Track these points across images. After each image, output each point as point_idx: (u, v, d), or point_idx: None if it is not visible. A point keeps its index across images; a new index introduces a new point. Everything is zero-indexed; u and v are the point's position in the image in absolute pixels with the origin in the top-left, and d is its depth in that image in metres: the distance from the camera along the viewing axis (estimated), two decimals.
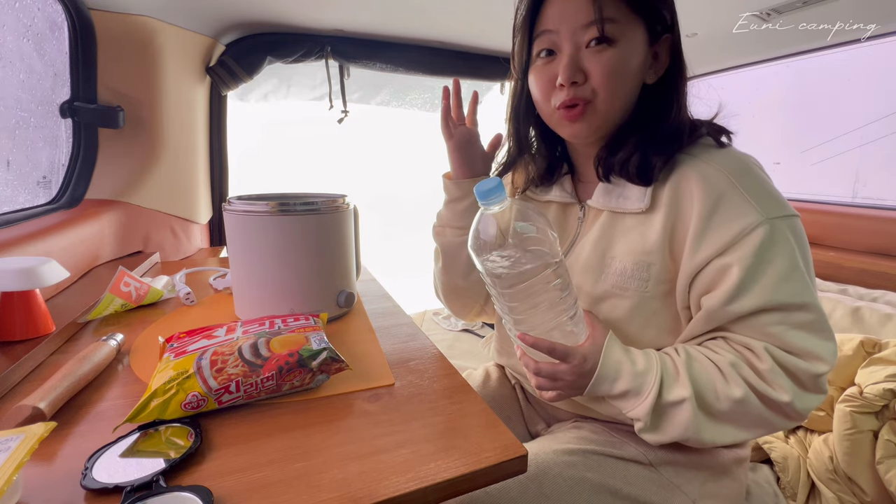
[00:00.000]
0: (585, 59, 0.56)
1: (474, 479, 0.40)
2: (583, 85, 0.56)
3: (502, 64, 1.58)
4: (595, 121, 0.58)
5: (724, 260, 0.52)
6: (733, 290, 0.51)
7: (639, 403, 0.52)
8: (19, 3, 0.92)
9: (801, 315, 0.51)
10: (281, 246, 0.66)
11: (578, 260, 0.62)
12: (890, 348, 0.87)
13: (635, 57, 0.56)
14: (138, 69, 1.10)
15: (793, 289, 0.51)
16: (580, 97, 0.56)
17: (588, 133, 0.59)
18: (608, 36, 0.54)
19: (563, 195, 0.68)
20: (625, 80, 0.56)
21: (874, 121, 1.48)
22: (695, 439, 0.52)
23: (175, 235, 1.29)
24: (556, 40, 0.57)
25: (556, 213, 0.69)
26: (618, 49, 0.55)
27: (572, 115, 0.57)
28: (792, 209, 0.54)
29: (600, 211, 0.62)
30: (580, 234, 0.65)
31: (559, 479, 0.56)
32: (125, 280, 0.75)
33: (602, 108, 0.57)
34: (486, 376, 0.85)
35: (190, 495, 0.34)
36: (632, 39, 0.55)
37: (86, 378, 0.50)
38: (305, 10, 1.18)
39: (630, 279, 0.57)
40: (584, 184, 0.68)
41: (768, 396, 0.50)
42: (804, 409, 0.51)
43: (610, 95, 0.56)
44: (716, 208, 0.53)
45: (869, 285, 1.20)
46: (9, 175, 0.94)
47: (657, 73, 0.59)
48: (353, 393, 0.52)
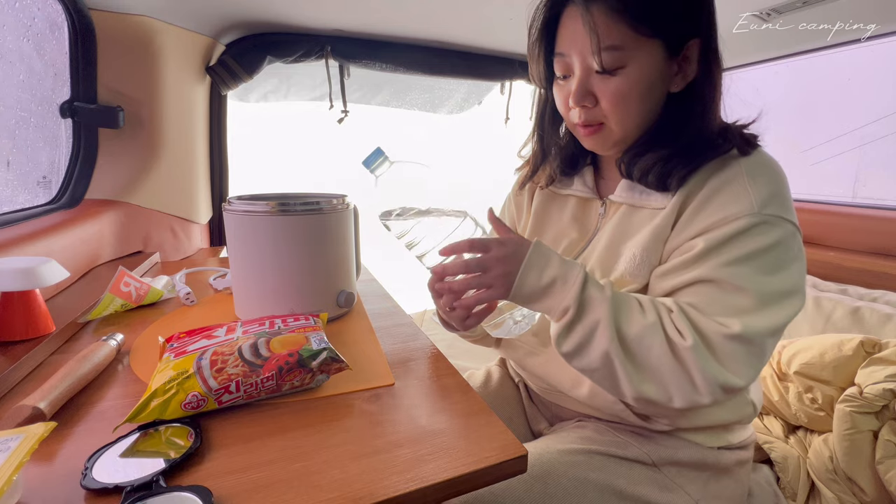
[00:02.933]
0: (595, 84, 0.56)
1: (474, 479, 0.39)
2: (593, 108, 0.57)
3: (502, 64, 1.58)
4: (611, 138, 0.59)
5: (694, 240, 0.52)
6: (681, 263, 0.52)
7: (566, 291, 0.51)
8: (19, 3, 0.92)
9: (731, 295, 0.49)
10: (281, 246, 0.66)
11: (594, 252, 0.63)
12: (890, 348, 0.87)
13: (649, 76, 0.54)
14: (138, 69, 1.10)
15: (737, 271, 0.49)
16: (593, 120, 0.58)
17: (606, 148, 0.61)
18: (611, 65, 0.53)
19: (584, 190, 0.68)
20: (637, 103, 0.56)
21: (874, 121, 1.48)
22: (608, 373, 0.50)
23: (175, 235, 1.29)
24: (569, 63, 0.57)
25: (576, 208, 0.69)
26: (627, 73, 0.54)
27: (588, 132, 0.59)
28: (794, 218, 0.52)
29: (620, 205, 0.63)
30: (600, 228, 0.65)
31: (564, 479, 0.56)
32: (125, 280, 0.75)
33: (616, 129, 0.57)
34: (487, 376, 0.85)
35: (190, 495, 0.34)
36: (643, 60, 0.54)
37: (86, 378, 0.50)
38: (305, 10, 1.18)
39: (640, 266, 0.57)
40: (606, 180, 0.68)
41: (673, 336, 0.48)
42: (709, 373, 0.47)
43: (621, 119, 0.56)
44: (717, 192, 0.53)
45: (869, 285, 1.20)
46: (9, 175, 0.94)
47: (685, 79, 0.57)
48: (353, 393, 0.52)
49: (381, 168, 0.55)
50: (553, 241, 0.70)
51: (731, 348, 0.48)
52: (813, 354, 0.93)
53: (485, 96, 1.82)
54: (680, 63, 0.56)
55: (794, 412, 0.96)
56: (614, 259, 0.60)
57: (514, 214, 0.80)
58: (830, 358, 0.91)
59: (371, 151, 0.54)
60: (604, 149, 0.61)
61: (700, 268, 0.51)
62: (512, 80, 1.65)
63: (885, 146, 1.46)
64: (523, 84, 1.69)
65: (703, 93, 0.56)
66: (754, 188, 0.52)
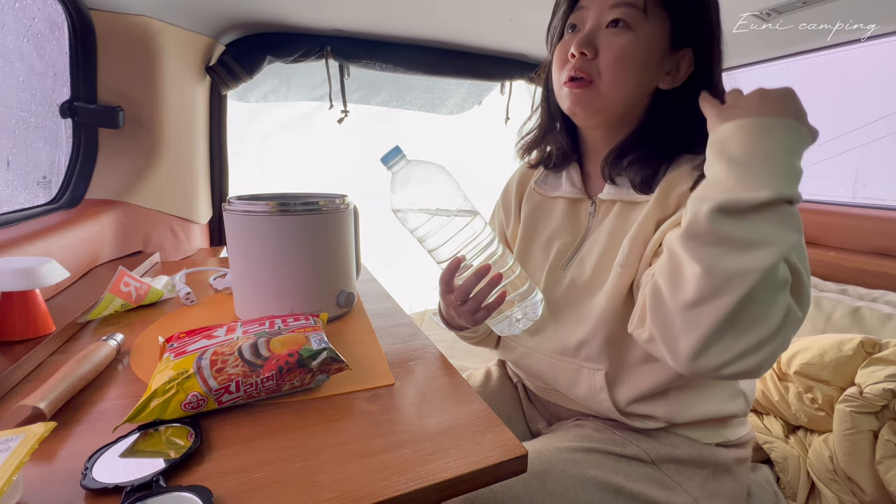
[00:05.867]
0: (601, 37, 0.57)
1: (474, 479, 0.39)
2: (591, 60, 0.57)
3: (502, 64, 1.58)
4: (596, 101, 0.58)
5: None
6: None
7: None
8: (19, 3, 0.92)
9: None
10: (281, 246, 0.66)
11: (592, 252, 0.63)
12: (890, 348, 0.87)
13: (649, 50, 0.56)
14: (138, 69, 1.10)
15: None
16: (585, 70, 0.57)
17: (587, 112, 0.60)
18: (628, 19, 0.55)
19: (572, 191, 0.68)
20: (632, 69, 0.56)
21: (874, 121, 1.48)
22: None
23: (175, 235, 1.29)
24: (583, 16, 0.59)
25: (566, 209, 0.69)
26: (633, 36, 0.55)
27: (576, 85, 0.58)
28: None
29: (612, 203, 0.63)
30: (592, 227, 0.65)
31: (563, 477, 0.56)
32: (125, 280, 0.75)
33: (604, 90, 0.57)
34: (486, 376, 0.85)
35: (190, 495, 0.34)
36: (651, 32, 0.56)
37: (86, 378, 0.50)
38: (305, 10, 1.18)
39: (629, 256, 0.58)
40: (593, 179, 0.69)
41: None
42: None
43: (614, 79, 0.57)
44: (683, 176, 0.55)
45: (869, 285, 1.20)
46: (9, 175, 0.94)
47: (674, 81, 0.58)
48: (353, 393, 0.52)
49: (398, 165, 0.56)
50: (545, 244, 0.70)
51: None
52: (813, 354, 0.93)
53: (485, 96, 1.82)
54: (676, 62, 0.58)
55: (794, 412, 0.96)
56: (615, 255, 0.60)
57: (503, 221, 0.80)
58: (830, 358, 0.91)
59: (390, 149, 0.56)
60: (584, 112, 0.60)
61: None
62: (512, 80, 1.65)
63: (885, 146, 1.46)
64: (523, 84, 1.69)
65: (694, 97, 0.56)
66: None
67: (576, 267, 0.64)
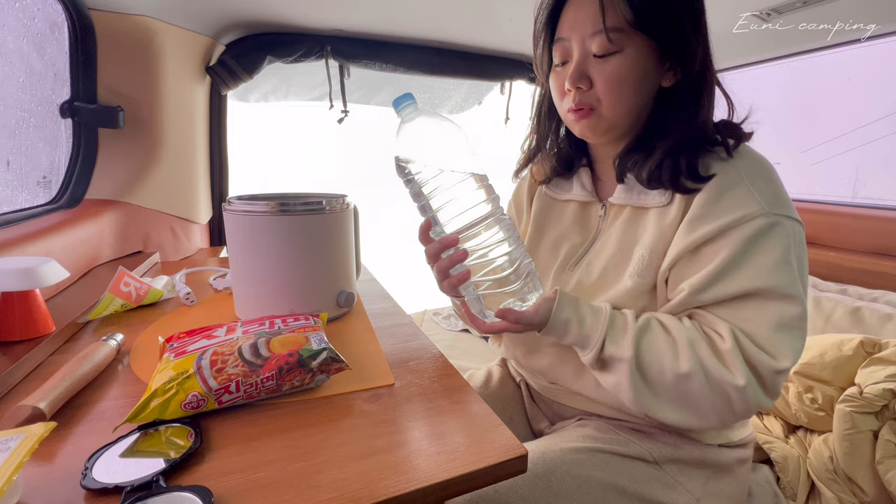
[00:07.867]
0: (591, 67, 0.57)
1: (474, 479, 0.39)
2: (588, 91, 0.58)
3: (502, 64, 1.58)
4: (602, 125, 0.60)
5: (715, 244, 0.53)
6: (717, 272, 0.52)
7: (585, 354, 0.56)
8: (19, 3, 0.92)
9: (781, 305, 0.51)
10: (281, 246, 0.66)
11: (600, 255, 0.63)
12: (890, 348, 0.87)
13: (643, 65, 0.56)
14: (138, 69, 1.10)
15: (780, 279, 0.51)
16: (585, 103, 0.58)
17: (596, 135, 0.61)
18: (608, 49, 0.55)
19: (583, 193, 0.69)
20: (630, 89, 0.57)
21: (874, 121, 1.48)
22: (635, 401, 0.53)
23: (175, 235, 1.29)
24: (568, 48, 0.59)
25: (576, 212, 0.70)
26: (623, 57, 0.56)
27: (579, 115, 0.59)
28: (797, 215, 0.54)
29: (622, 207, 0.63)
30: (601, 230, 0.66)
31: (567, 477, 0.56)
32: (125, 280, 0.75)
33: (607, 114, 0.59)
34: (488, 376, 0.85)
35: (190, 495, 0.34)
36: (639, 45, 0.56)
37: (86, 378, 0.50)
38: (305, 10, 1.18)
39: (647, 267, 0.58)
40: (604, 182, 0.69)
41: (720, 377, 0.50)
42: (754, 402, 0.50)
43: (614, 103, 0.57)
44: (720, 197, 0.54)
45: (869, 285, 1.20)
46: (9, 175, 0.94)
47: (675, 76, 0.59)
48: (353, 393, 0.52)
49: (406, 111, 0.54)
50: (553, 244, 0.70)
51: (779, 380, 0.51)
52: (813, 354, 0.93)
53: (485, 96, 1.82)
54: (672, 61, 0.58)
55: (794, 412, 0.96)
56: (626, 262, 0.61)
57: (514, 218, 0.81)
58: (830, 358, 0.91)
59: (403, 94, 0.55)
60: (594, 135, 0.61)
61: (737, 281, 0.52)
62: (512, 80, 1.65)
63: (885, 146, 1.46)
64: (523, 84, 1.69)
65: (698, 89, 0.58)
66: (757, 190, 0.53)
67: (583, 269, 0.65)
